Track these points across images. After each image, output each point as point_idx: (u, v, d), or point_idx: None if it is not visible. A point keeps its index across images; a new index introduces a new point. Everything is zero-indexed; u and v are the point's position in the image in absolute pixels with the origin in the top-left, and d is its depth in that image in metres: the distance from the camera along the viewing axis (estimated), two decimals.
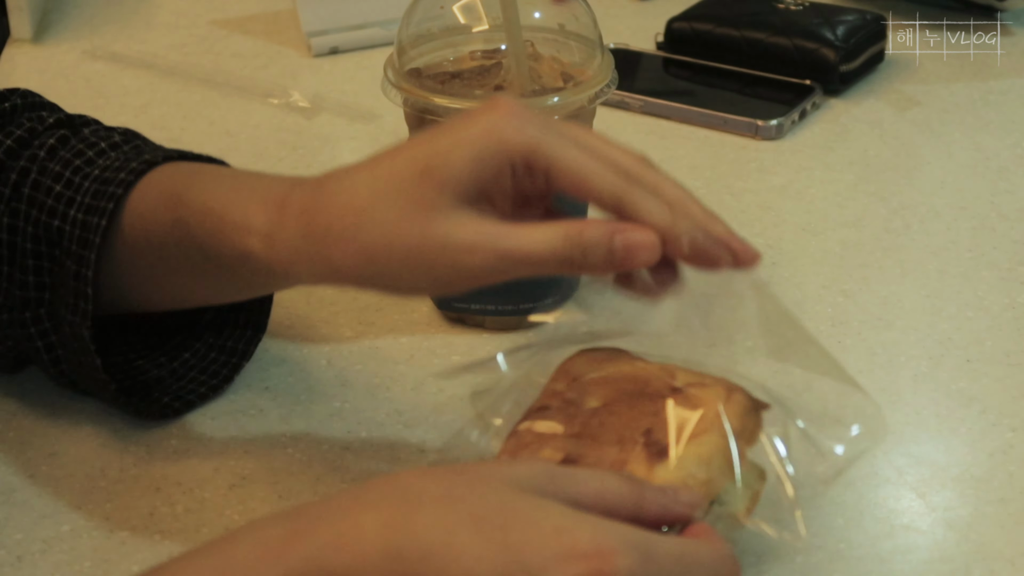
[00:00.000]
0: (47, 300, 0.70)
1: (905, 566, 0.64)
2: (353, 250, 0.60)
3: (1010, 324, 0.81)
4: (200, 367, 0.75)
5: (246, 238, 0.63)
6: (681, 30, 1.14)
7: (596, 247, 0.59)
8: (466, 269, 0.59)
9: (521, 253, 0.59)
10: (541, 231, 0.59)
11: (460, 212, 0.59)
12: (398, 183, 0.60)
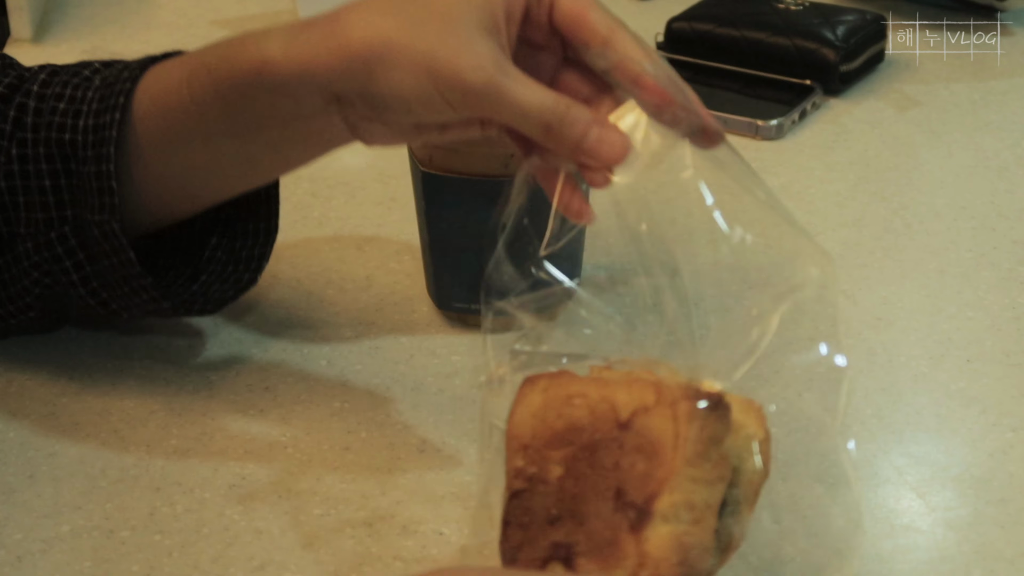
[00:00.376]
0: (70, 217, 0.71)
1: (905, 566, 0.64)
2: (371, 35, 0.63)
3: (1010, 324, 0.81)
4: (221, 279, 0.76)
5: (264, 45, 0.66)
6: (681, 30, 1.14)
7: (574, 124, 0.63)
8: (461, 86, 0.62)
9: (514, 94, 0.62)
10: (539, 87, 0.63)
11: (481, 34, 0.63)
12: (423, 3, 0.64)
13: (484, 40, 0.63)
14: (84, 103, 0.70)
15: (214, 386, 0.76)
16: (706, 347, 0.67)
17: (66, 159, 0.70)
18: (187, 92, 0.68)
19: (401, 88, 0.63)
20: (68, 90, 0.71)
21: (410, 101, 0.63)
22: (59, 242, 0.71)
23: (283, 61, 0.65)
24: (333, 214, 0.93)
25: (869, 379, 0.77)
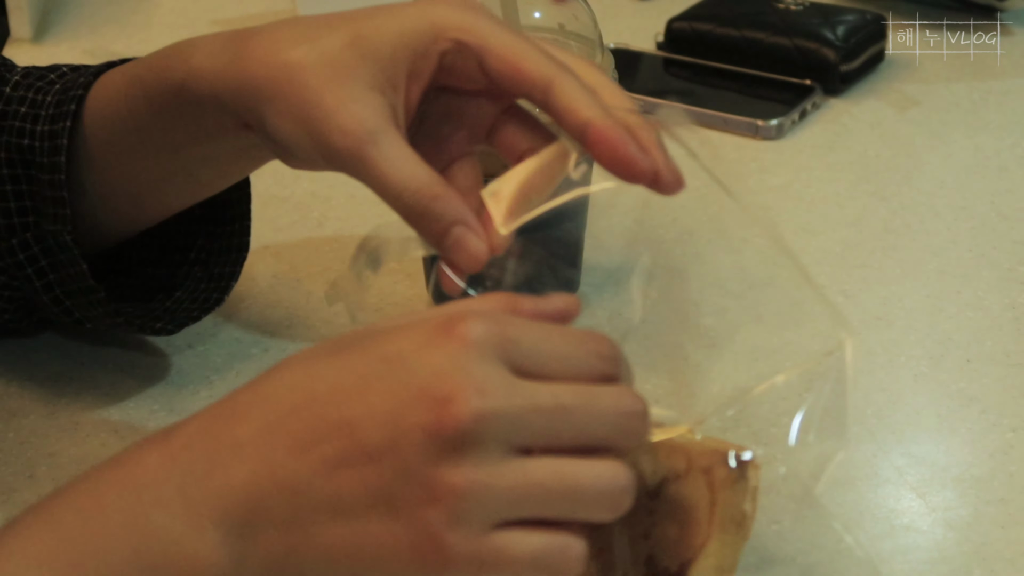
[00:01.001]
0: (31, 223, 0.70)
1: (905, 566, 0.64)
2: (267, 66, 0.60)
3: (1010, 324, 0.81)
4: (192, 298, 0.75)
5: (191, 56, 0.64)
6: (681, 30, 1.14)
7: (438, 219, 0.59)
8: (328, 148, 0.59)
9: (379, 169, 0.59)
10: (412, 166, 0.59)
11: (370, 91, 0.59)
12: (325, 45, 0.60)
13: (369, 99, 0.59)
14: (42, 107, 0.70)
15: (214, 386, 0.76)
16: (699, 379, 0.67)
17: (26, 164, 0.70)
18: (124, 102, 0.68)
19: (282, 133, 0.61)
20: (31, 94, 0.71)
21: (291, 148, 0.61)
22: (20, 249, 0.71)
23: (200, 77, 0.63)
24: (333, 214, 0.93)
25: (869, 379, 0.76)
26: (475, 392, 0.48)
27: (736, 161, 1.00)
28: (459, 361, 0.49)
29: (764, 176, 0.98)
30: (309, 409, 0.50)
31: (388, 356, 0.50)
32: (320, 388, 0.51)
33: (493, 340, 0.50)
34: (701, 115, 1.05)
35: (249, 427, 0.51)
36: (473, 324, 0.49)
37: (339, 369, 0.51)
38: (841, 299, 0.84)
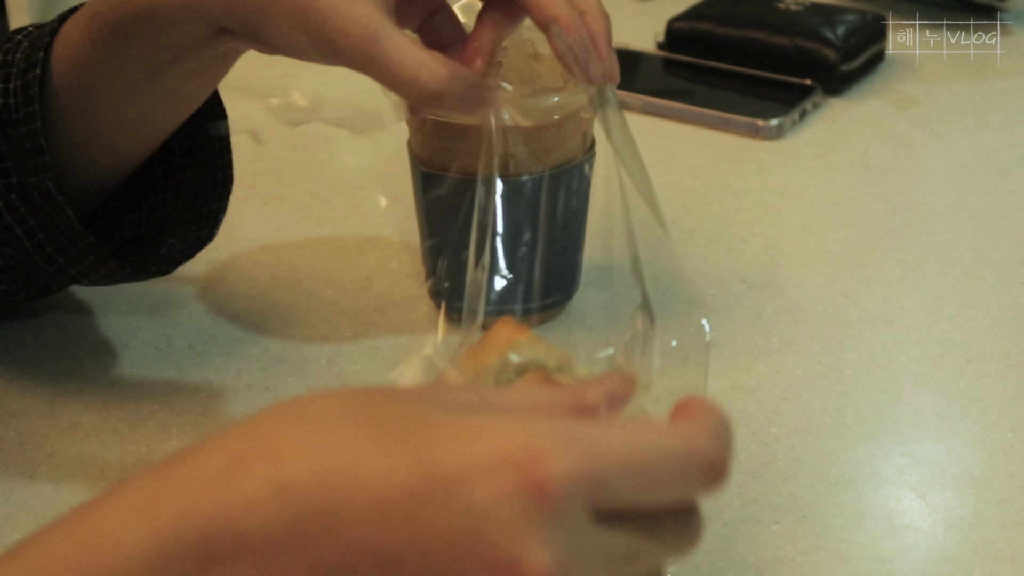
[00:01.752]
0: (15, 184, 0.70)
1: (905, 566, 0.64)
2: None
3: (1010, 324, 0.81)
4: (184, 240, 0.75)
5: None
6: (681, 30, 1.14)
7: (455, 98, 0.62)
8: (332, 48, 0.60)
9: (388, 67, 0.60)
10: (416, 55, 0.61)
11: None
12: None
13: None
14: (12, 66, 0.70)
15: (214, 386, 0.76)
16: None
17: (4, 124, 0.70)
18: (89, 41, 0.68)
19: (282, 39, 0.62)
20: (0, 55, 0.71)
21: (293, 51, 0.62)
22: (7, 210, 0.71)
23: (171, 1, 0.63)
24: (333, 214, 0.93)
25: (869, 379, 0.77)
26: (551, 565, 0.41)
27: (736, 161, 1.00)
28: (537, 524, 0.41)
29: (764, 176, 0.98)
30: (342, 525, 0.41)
31: (447, 481, 0.41)
32: (358, 496, 0.41)
33: (578, 488, 0.41)
34: (701, 115, 1.05)
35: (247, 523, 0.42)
36: (556, 467, 0.41)
37: (385, 473, 0.41)
38: (841, 299, 0.84)
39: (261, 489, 0.41)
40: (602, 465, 0.42)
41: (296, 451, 0.42)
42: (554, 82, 0.77)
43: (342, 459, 0.42)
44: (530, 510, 0.41)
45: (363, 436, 0.42)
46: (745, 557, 0.64)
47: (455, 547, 0.41)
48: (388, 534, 0.41)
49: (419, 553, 0.41)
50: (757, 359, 0.78)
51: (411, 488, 0.41)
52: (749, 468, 0.69)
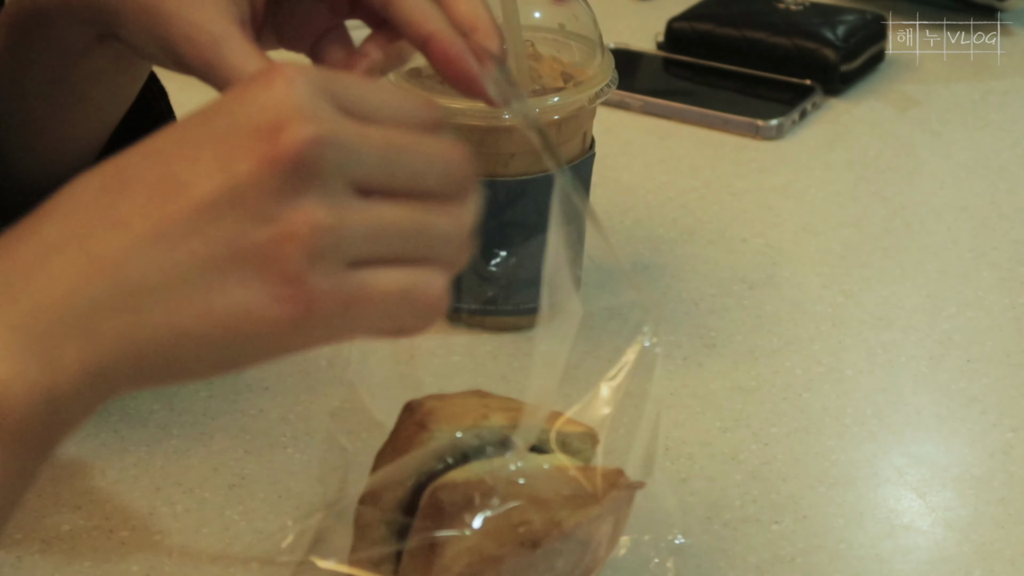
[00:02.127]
0: None
1: (905, 566, 0.64)
2: None
3: (1010, 324, 0.81)
4: None
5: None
6: (681, 30, 1.14)
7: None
8: (176, 57, 0.57)
9: (227, 72, 0.56)
10: (265, 64, 0.56)
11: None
12: None
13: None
14: None
15: (214, 386, 0.76)
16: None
17: None
18: (2, 38, 0.66)
19: (139, 45, 0.59)
20: None
21: (152, 59, 0.59)
22: None
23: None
24: None
25: (869, 379, 0.77)
26: (306, 119, 0.45)
27: (736, 161, 1.00)
28: (284, 95, 0.45)
29: (764, 176, 0.98)
30: (120, 179, 0.45)
31: (204, 112, 0.46)
32: (131, 160, 0.46)
33: (318, 81, 0.46)
34: (701, 115, 1.05)
35: (53, 225, 0.45)
36: (294, 67, 0.46)
37: (149, 141, 0.46)
38: (841, 299, 0.84)
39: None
40: (337, 76, 0.47)
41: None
42: (554, 82, 0.77)
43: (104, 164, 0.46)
44: (277, 91, 0.45)
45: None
46: (745, 557, 0.64)
47: (222, 143, 0.45)
48: (165, 165, 0.45)
49: (193, 164, 0.45)
50: (757, 359, 0.78)
51: (174, 134, 0.46)
52: (749, 468, 0.69)
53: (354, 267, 0.46)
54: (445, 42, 0.57)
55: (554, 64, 0.78)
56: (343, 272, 0.45)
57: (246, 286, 0.44)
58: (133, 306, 0.44)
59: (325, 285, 0.45)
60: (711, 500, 0.67)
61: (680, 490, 0.68)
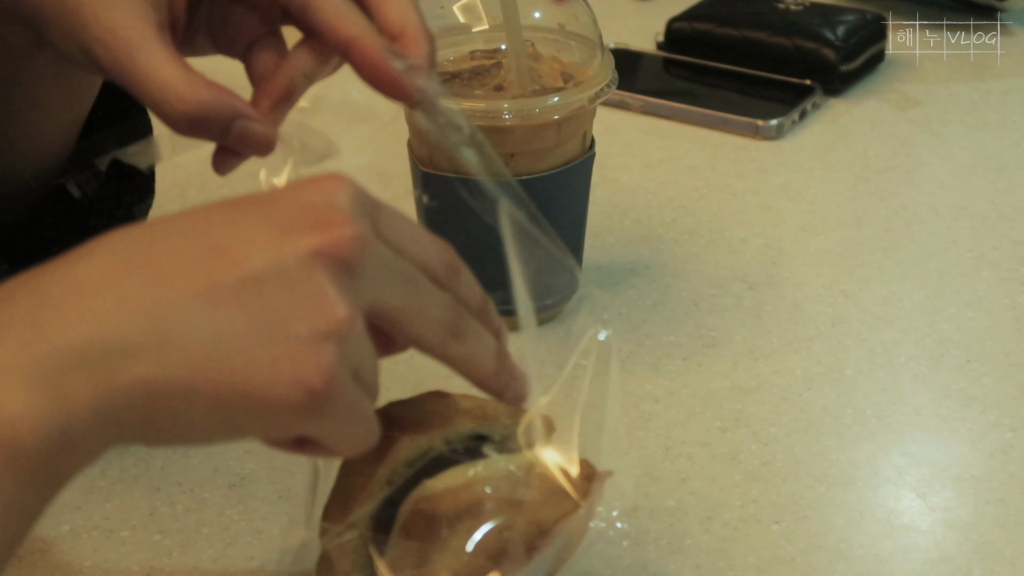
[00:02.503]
0: None
1: (905, 566, 0.64)
2: None
3: (1010, 324, 0.81)
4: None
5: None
6: (681, 30, 1.14)
7: (212, 123, 0.56)
8: (94, 61, 0.56)
9: (142, 84, 0.55)
10: (180, 70, 0.55)
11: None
12: None
13: (127, 2, 0.56)
14: None
15: None
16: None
17: None
18: None
19: (62, 48, 0.58)
20: None
21: (74, 63, 0.58)
22: None
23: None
24: None
25: (869, 379, 0.77)
26: (354, 221, 0.47)
27: (736, 161, 1.00)
28: (335, 197, 0.48)
29: (764, 176, 0.98)
30: (166, 236, 0.47)
31: (255, 197, 0.48)
32: (178, 223, 0.47)
33: (363, 196, 0.49)
34: (701, 115, 1.05)
35: (89, 266, 0.46)
36: (345, 177, 0.49)
37: (198, 210, 0.48)
38: (841, 299, 0.84)
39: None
40: (377, 200, 0.50)
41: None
42: (554, 82, 0.77)
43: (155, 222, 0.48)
44: (329, 192, 0.48)
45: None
46: (745, 557, 0.64)
47: (274, 225, 0.47)
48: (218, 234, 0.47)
49: (245, 239, 0.46)
50: (757, 359, 0.78)
51: (226, 209, 0.48)
52: (749, 468, 0.70)
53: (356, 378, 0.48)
54: (365, 46, 0.56)
55: (554, 64, 0.78)
56: (353, 377, 0.47)
57: (275, 363, 0.45)
58: (157, 355, 0.45)
59: (346, 384, 0.46)
60: (711, 500, 0.67)
61: (680, 490, 0.68)
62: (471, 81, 0.77)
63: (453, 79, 0.77)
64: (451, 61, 0.79)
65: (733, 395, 0.75)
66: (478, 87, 0.76)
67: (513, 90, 0.75)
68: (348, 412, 0.47)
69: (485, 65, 0.78)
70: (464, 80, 0.77)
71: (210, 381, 0.45)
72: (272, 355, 0.45)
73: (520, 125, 0.74)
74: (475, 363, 0.53)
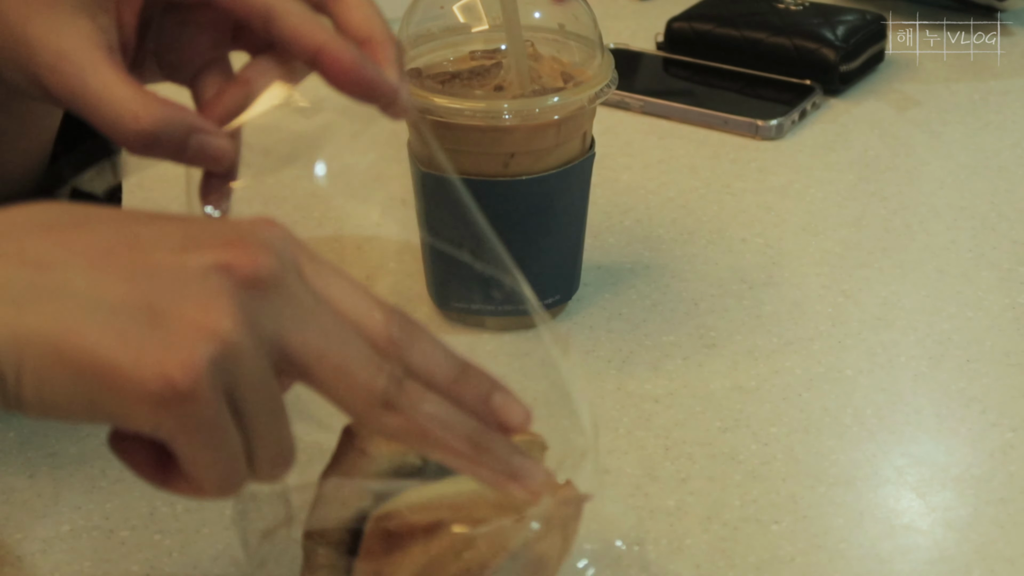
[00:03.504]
0: None
1: (905, 566, 0.64)
2: None
3: (1010, 324, 0.81)
4: None
5: None
6: (681, 30, 1.14)
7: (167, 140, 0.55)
8: (41, 88, 0.55)
9: (93, 106, 0.54)
10: (132, 89, 0.54)
11: (71, 19, 0.54)
12: None
13: (73, 26, 0.54)
14: None
15: None
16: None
17: None
18: None
19: (8, 76, 0.56)
20: None
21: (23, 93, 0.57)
22: None
23: None
24: (333, 214, 0.93)
25: (869, 379, 0.77)
26: (275, 255, 0.47)
27: (736, 161, 1.00)
28: (261, 230, 0.48)
29: (764, 176, 0.98)
30: (89, 222, 0.47)
31: (186, 216, 0.49)
32: (108, 214, 0.48)
33: (293, 241, 0.48)
34: (701, 115, 1.05)
35: (6, 216, 0.47)
36: (280, 224, 0.48)
37: (131, 212, 0.49)
38: (841, 299, 0.84)
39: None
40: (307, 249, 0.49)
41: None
42: (554, 82, 0.77)
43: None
44: (259, 227, 0.48)
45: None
46: (745, 557, 0.64)
47: (193, 234, 0.47)
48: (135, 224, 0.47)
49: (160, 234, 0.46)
50: (757, 359, 0.78)
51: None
52: (749, 468, 0.70)
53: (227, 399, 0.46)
54: (337, 52, 0.55)
55: (554, 64, 0.78)
56: (226, 398, 0.46)
57: (143, 344, 0.44)
58: (34, 304, 0.44)
59: (211, 396, 0.45)
60: (711, 500, 0.67)
61: (680, 490, 0.68)
62: (471, 81, 0.77)
63: (453, 79, 0.77)
64: (451, 61, 0.79)
65: (733, 395, 0.75)
66: (478, 87, 0.76)
67: (513, 90, 0.75)
68: (207, 429, 0.45)
69: (485, 65, 0.78)
70: (464, 80, 0.77)
71: (76, 347, 0.44)
72: (143, 336, 0.44)
73: (520, 125, 0.74)
74: (433, 442, 0.50)
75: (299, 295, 0.47)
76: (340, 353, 0.48)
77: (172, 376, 0.44)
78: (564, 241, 0.80)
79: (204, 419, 0.45)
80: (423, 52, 0.79)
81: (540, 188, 0.77)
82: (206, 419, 0.45)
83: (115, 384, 0.44)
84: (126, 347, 0.44)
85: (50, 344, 0.44)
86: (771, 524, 0.66)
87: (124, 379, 0.44)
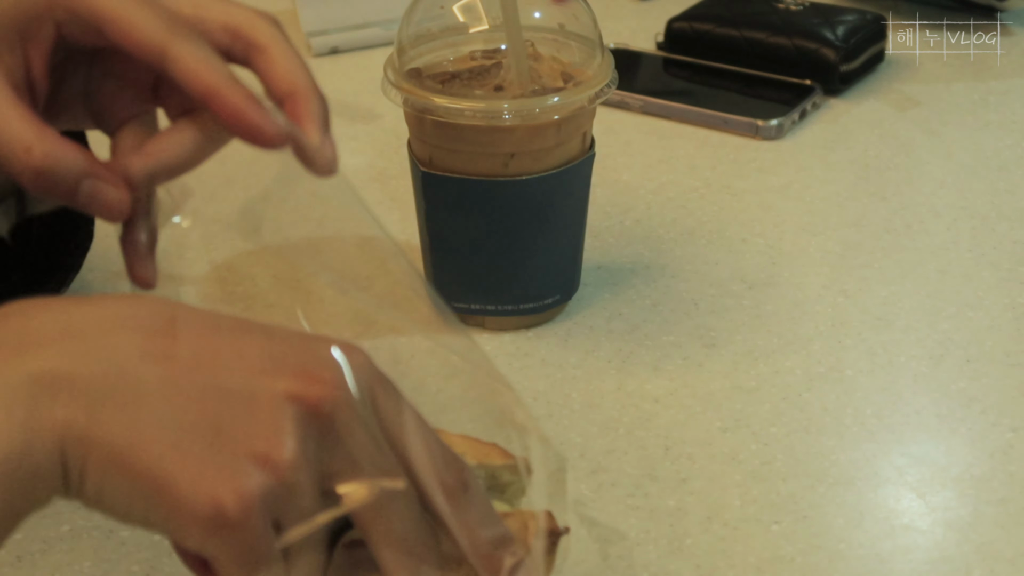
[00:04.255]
0: None
1: (905, 566, 0.64)
2: None
3: (1010, 324, 0.81)
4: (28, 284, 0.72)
5: None
6: (681, 30, 1.14)
7: (60, 180, 0.53)
8: None
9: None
10: (30, 123, 0.53)
11: None
12: None
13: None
14: None
15: None
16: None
17: None
18: None
19: None
20: None
21: None
22: None
23: None
24: (333, 214, 0.93)
25: (869, 379, 0.77)
26: (343, 386, 0.48)
27: (736, 161, 1.00)
28: (346, 359, 0.48)
29: (764, 176, 0.98)
30: (172, 318, 0.48)
31: (274, 329, 0.49)
32: (193, 312, 0.48)
33: (372, 372, 0.49)
34: (701, 115, 1.05)
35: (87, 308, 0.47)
36: (362, 352, 0.49)
37: (218, 316, 0.49)
38: (841, 299, 0.84)
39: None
40: (389, 382, 0.50)
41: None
42: (554, 82, 0.77)
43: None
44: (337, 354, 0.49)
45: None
46: (745, 557, 0.64)
47: (269, 358, 0.47)
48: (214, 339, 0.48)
49: (237, 355, 0.47)
50: (757, 359, 0.78)
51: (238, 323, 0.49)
52: (749, 468, 0.70)
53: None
54: (227, 95, 0.54)
55: (554, 64, 0.78)
56: (269, 524, 0.46)
57: (202, 468, 0.45)
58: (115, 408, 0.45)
59: (260, 525, 0.45)
60: (711, 500, 0.67)
61: (680, 490, 0.68)
62: (471, 81, 0.77)
63: (453, 79, 0.77)
64: (451, 61, 0.79)
65: (733, 395, 0.75)
66: (478, 87, 0.76)
67: (513, 90, 0.75)
68: (252, 556, 0.46)
69: (485, 65, 0.78)
70: (464, 80, 0.77)
71: (139, 459, 0.45)
72: (204, 457, 0.45)
73: (520, 125, 0.74)
74: None
75: (361, 435, 0.48)
76: (388, 507, 0.49)
77: (224, 502, 0.45)
78: (564, 241, 0.80)
79: (250, 547, 0.46)
80: (423, 52, 0.79)
81: (540, 188, 0.77)
82: (251, 547, 0.46)
83: (169, 501, 0.45)
84: (185, 466, 0.45)
85: (116, 452, 0.45)
86: (771, 524, 0.66)
87: (179, 498, 0.45)
